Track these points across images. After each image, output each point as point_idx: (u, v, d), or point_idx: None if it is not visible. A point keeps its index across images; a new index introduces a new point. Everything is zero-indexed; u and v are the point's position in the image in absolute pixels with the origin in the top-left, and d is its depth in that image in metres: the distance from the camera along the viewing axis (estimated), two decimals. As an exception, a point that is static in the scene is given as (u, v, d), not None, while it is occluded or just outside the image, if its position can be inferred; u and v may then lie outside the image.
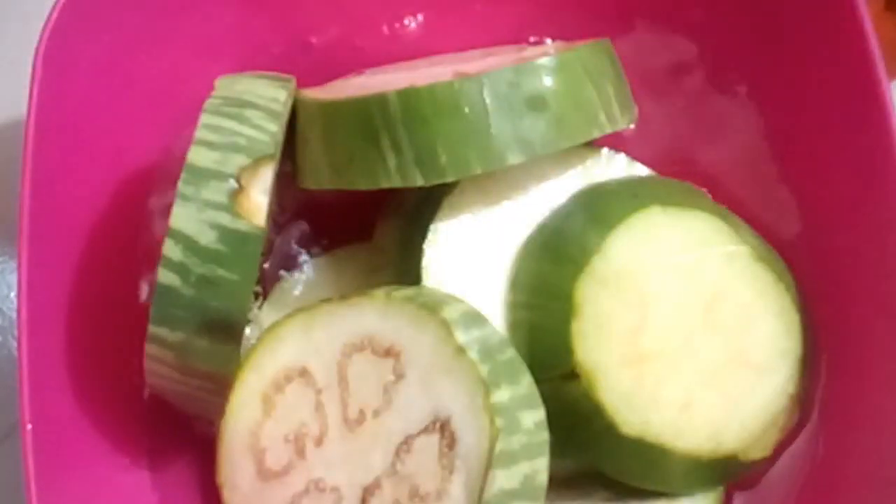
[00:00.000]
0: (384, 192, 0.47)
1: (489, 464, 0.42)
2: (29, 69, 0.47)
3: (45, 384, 0.47)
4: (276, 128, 0.46)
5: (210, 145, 0.45)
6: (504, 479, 0.43)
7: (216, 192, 0.44)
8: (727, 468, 0.49)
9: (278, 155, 0.46)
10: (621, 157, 0.52)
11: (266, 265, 0.55)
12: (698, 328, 0.48)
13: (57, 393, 0.48)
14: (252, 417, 0.48)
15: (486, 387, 0.43)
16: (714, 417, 0.48)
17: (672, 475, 0.49)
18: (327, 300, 0.47)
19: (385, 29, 0.55)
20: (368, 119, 0.46)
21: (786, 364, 0.49)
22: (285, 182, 0.49)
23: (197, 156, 0.45)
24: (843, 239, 0.50)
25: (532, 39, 0.55)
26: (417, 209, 0.50)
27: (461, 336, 0.44)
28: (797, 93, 0.51)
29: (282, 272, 0.55)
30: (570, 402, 0.47)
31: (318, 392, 0.46)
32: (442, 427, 0.44)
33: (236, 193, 0.44)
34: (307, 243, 0.56)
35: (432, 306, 0.45)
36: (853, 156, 0.49)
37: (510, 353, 0.45)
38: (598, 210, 0.49)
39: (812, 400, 0.50)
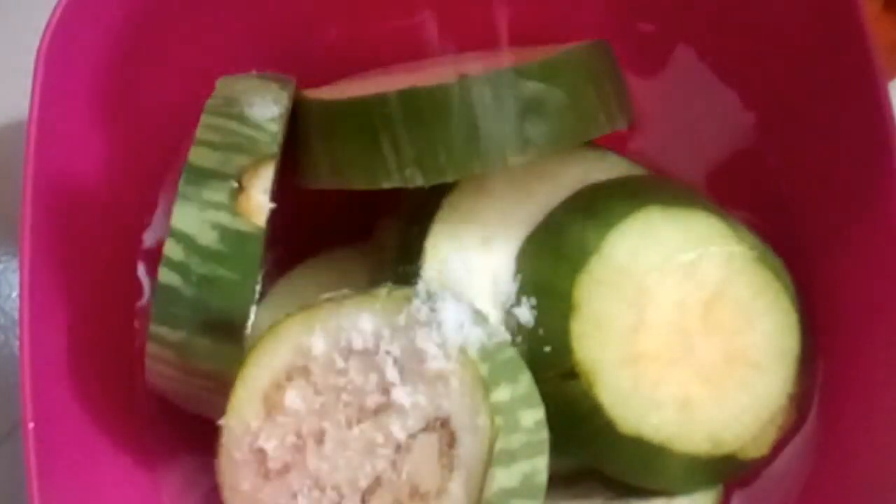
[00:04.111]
0: (384, 192, 0.47)
1: (489, 462, 0.42)
2: (31, 69, 0.47)
3: (47, 383, 0.47)
4: (276, 128, 0.46)
5: (211, 145, 0.45)
6: (504, 478, 0.43)
7: (217, 191, 0.44)
8: (725, 467, 0.49)
9: (279, 155, 0.46)
10: (621, 157, 0.52)
11: (266, 265, 0.55)
12: (697, 327, 0.48)
13: (59, 392, 0.48)
14: (253, 417, 0.48)
15: (486, 386, 0.43)
16: (712, 416, 0.48)
17: (670, 474, 0.49)
18: (327, 300, 0.47)
19: (385, 29, 0.55)
20: (369, 119, 0.46)
21: (784, 363, 0.49)
22: (285, 182, 0.49)
23: (198, 156, 0.45)
24: (842, 239, 0.50)
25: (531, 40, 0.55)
26: (417, 209, 0.50)
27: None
28: (796, 93, 0.52)
29: (282, 272, 0.55)
30: (569, 401, 0.47)
31: (319, 391, 0.47)
32: (442, 426, 0.44)
33: (237, 193, 0.44)
34: (307, 243, 0.56)
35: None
36: (852, 156, 0.49)
37: (509, 352, 0.46)
38: (597, 209, 0.50)
39: (810, 399, 0.50)
